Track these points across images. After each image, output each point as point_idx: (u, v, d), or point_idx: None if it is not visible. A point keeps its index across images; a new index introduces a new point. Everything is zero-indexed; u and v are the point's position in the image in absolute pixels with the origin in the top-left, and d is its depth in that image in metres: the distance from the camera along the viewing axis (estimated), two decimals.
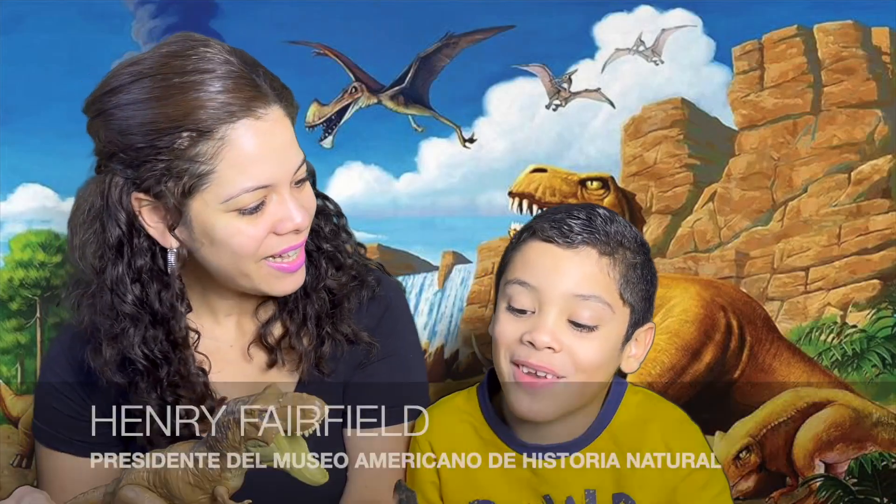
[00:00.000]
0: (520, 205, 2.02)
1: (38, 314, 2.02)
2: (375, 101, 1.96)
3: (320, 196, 1.46)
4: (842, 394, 2.04)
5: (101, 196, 1.33)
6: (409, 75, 1.99)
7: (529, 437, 1.42)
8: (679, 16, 2.00)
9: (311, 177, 1.40)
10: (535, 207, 2.01)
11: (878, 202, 2.03)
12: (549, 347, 1.33)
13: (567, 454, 1.40)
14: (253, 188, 1.28)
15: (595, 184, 2.02)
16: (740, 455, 2.04)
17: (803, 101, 2.03)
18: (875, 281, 2.03)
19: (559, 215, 1.39)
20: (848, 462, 2.04)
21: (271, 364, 1.44)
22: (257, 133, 1.27)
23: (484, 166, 2.03)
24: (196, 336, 1.40)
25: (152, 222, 1.32)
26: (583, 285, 1.35)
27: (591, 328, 1.35)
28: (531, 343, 1.33)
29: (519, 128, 2.02)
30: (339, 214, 1.49)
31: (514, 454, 1.42)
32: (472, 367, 2.01)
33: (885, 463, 2.04)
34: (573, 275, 1.35)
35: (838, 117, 2.02)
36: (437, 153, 2.02)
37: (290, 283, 1.35)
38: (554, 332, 1.33)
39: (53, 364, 1.43)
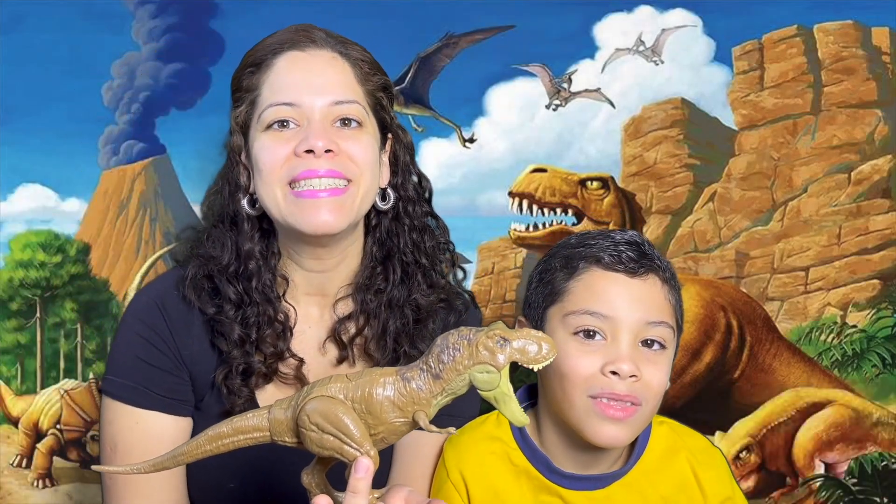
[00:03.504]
0: (520, 205, 2.02)
1: (38, 314, 2.03)
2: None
3: (433, 216, 1.51)
4: (842, 394, 2.04)
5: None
6: (409, 75, 1.99)
7: (567, 466, 1.41)
8: (679, 16, 2.01)
9: (395, 140, 1.45)
10: (535, 207, 2.01)
11: (878, 202, 2.03)
12: (633, 375, 1.33)
13: (601, 486, 1.40)
14: (277, 103, 1.36)
15: (595, 184, 2.02)
16: (740, 455, 2.04)
17: (803, 101, 2.03)
18: (875, 281, 2.03)
19: (607, 243, 1.39)
20: (848, 462, 2.04)
21: (341, 360, 1.46)
22: (295, 60, 1.39)
23: (484, 166, 2.03)
24: (285, 284, 1.44)
25: (241, 161, 1.43)
26: (653, 312, 1.35)
27: (662, 347, 1.36)
28: (614, 373, 1.33)
29: (519, 128, 2.02)
30: (447, 241, 1.53)
31: (546, 483, 1.41)
32: None
33: (885, 463, 2.04)
34: (645, 303, 1.35)
35: (838, 117, 2.02)
36: (437, 153, 2.02)
37: (315, 215, 1.35)
38: (633, 360, 1.33)
39: (142, 314, 1.43)
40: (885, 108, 2.02)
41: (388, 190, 1.46)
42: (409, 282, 1.46)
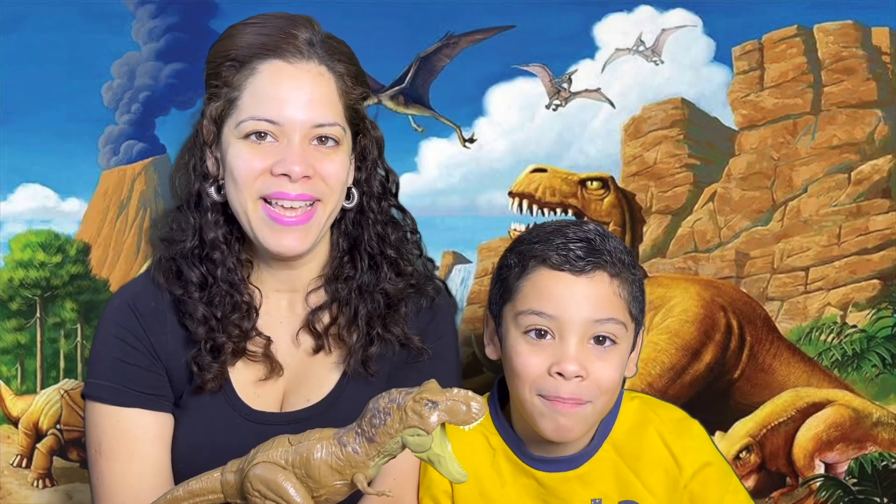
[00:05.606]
0: (520, 205, 2.02)
1: (38, 314, 2.03)
2: (375, 101, 1.96)
3: (400, 209, 1.53)
4: (842, 394, 2.04)
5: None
6: (409, 75, 1.99)
7: (538, 450, 1.43)
8: (679, 16, 2.00)
9: (361, 154, 1.46)
10: (535, 207, 2.01)
11: (878, 202, 2.03)
12: (578, 376, 1.34)
13: (573, 466, 1.42)
14: (259, 118, 1.36)
15: (595, 184, 2.02)
16: (740, 455, 2.04)
17: (803, 101, 2.03)
18: (875, 281, 2.03)
19: (559, 240, 1.39)
20: (848, 462, 2.04)
21: (317, 350, 1.47)
22: (281, 72, 1.38)
23: (484, 166, 2.03)
24: (249, 266, 1.45)
25: (210, 151, 1.43)
26: (600, 310, 1.36)
27: (612, 343, 1.37)
28: (560, 374, 1.34)
29: (519, 128, 2.02)
30: (414, 231, 1.55)
31: (522, 465, 1.43)
32: (473, 366, 2.01)
33: (885, 463, 2.04)
34: (591, 301, 1.36)
35: (838, 117, 2.02)
36: (437, 153, 2.02)
37: (283, 239, 1.38)
38: (580, 360, 1.34)
39: (115, 315, 1.45)
40: (885, 108, 2.02)
41: (353, 189, 1.48)
42: (377, 271, 1.48)
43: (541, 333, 1.37)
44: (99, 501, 1.43)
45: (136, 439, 1.41)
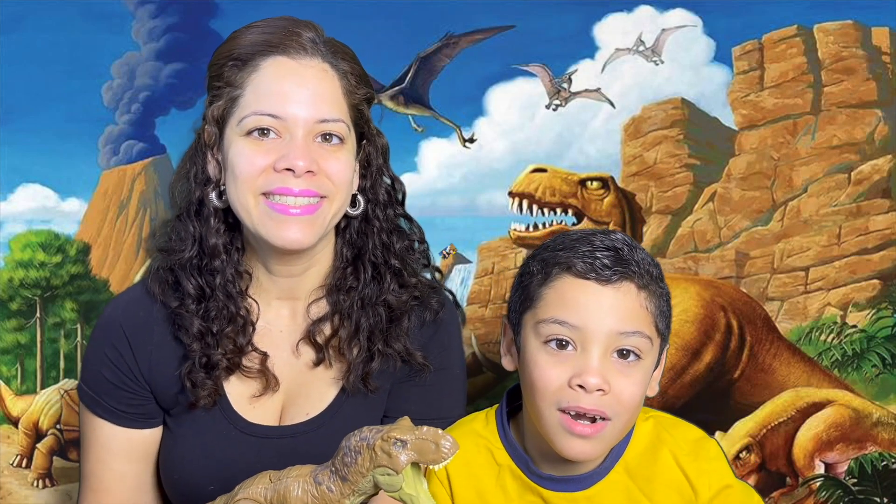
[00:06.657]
0: (520, 205, 2.02)
1: (38, 314, 2.03)
2: (375, 101, 1.96)
3: (407, 218, 1.51)
4: (842, 394, 2.04)
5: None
6: (409, 75, 1.99)
7: (547, 468, 1.39)
8: (679, 16, 2.01)
9: (367, 156, 1.45)
10: (535, 207, 2.01)
11: (878, 202, 2.03)
12: (600, 389, 1.30)
13: (583, 487, 1.38)
14: (261, 112, 1.34)
15: (595, 184, 2.02)
16: (740, 455, 2.04)
17: (803, 101, 2.03)
18: (875, 281, 2.03)
19: (585, 248, 1.34)
20: (848, 462, 2.04)
21: (318, 363, 1.46)
22: (284, 67, 1.36)
23: (484, 166, 2.03)
24: (248, 277, 1.44)
25: (212, 154, 1.42)
26: (626, 322, 1.30)
27: (638, 358, 1.32)
28: (581, 386, 1.30)
29: (519, 128, 2.02)
30: (422, 240, 1.53)
31: (529, 483, 1.40)
32: (473, 367, 2.01)
33: (885, 463, 2.04)
34: (616, 312, 1.30)
35: (838, 117, 2.02)
36: (437, 153, 2.02)
37: (287, 230, 1.35)
38: (602, 373, 1.29)
39: (105, 325, 1.45)
40: (885, 108, 2.02)
41: (358, 196, 1.46)
42: (380, 282, 1.46)
43: (562, 344, 1.31)
44: (81, 484, 1.50)
45: (103, 448, 1.45)
